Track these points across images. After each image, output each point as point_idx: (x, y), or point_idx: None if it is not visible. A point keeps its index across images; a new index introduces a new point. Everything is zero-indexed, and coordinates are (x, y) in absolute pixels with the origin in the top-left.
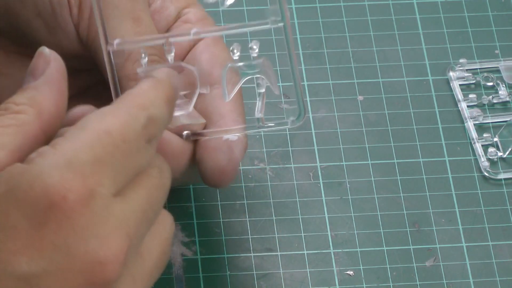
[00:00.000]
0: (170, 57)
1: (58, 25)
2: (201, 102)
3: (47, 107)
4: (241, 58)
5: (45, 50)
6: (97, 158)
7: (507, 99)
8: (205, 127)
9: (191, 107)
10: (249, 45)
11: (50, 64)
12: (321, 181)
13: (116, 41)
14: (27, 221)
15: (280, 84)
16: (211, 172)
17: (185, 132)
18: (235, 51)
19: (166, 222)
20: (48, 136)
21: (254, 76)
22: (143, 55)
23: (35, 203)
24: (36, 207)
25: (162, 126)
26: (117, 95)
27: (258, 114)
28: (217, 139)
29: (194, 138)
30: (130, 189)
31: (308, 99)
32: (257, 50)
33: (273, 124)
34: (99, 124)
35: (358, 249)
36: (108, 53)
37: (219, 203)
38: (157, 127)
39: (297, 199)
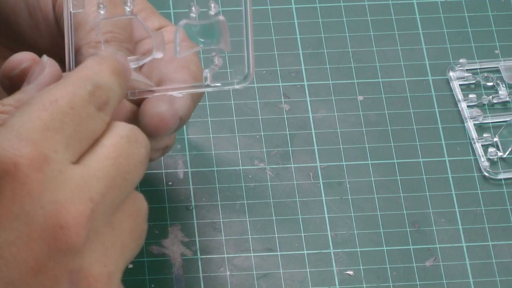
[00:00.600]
0: (128, 8)
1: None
2: (153, 64)
3: None
4: (198, 16)
5: (43, 58)
6: (46, 125)
7: (507, 99)
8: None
9: (134, 65)
10: (209, 3)
11: (45, 70)
12: (321, 181)
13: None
14: None
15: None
16: (149, 117)
17: (128, 91)
18: (192, 9)
19: (136, 197)
20: None
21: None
22: (101, 6)
23: None
24: None
25: (112, 94)
26: (69, 62)
27: (205, 73)
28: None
29: (138, 97)
30: (91, 157)
31: (308, 99)
32: (214, 10)
33: (219, 84)
34: (45, 96)
35: (358, 249)
36: (69, 14)
37: (219, 203)
38: (105, 94)
39: (297, 199)
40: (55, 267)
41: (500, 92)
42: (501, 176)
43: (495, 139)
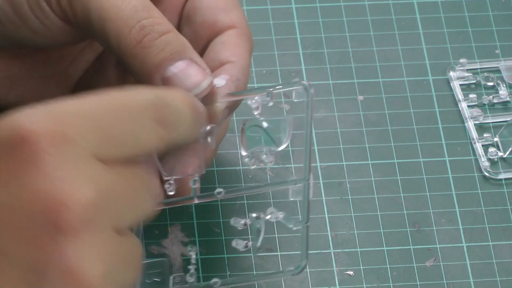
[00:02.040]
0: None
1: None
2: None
3: None
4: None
5: None
6: (80, 111)
7: (508, 99)
8: None
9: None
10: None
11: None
12: (321, 181)
13: None
14: None
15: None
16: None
17: None
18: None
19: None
20: None
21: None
22: None
23: (7, 135)
24: (4, 137)
25: (182, 120)
26: None
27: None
28: None
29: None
30: (122, 166)
31: None
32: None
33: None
34: (98, 94)
35: (358, 249)
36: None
37: (219, 203)
38: (172, 114)
39: (297, 199)
40: (48, 243)
41: (500, 92)
42: (502, 176)
43: (496, 139)
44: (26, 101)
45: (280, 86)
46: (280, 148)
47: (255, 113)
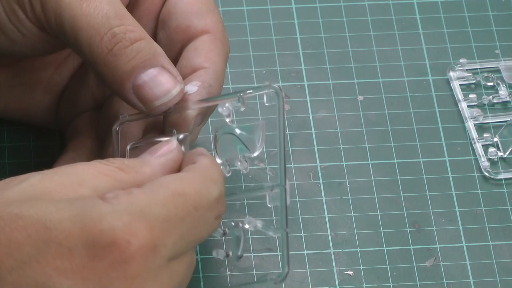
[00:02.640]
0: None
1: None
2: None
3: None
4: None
5: (174, 141)
6: (167, 217)
7: (507, 99)
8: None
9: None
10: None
11: (173, 152)
12: (321, 181)
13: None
14: (85, 250)
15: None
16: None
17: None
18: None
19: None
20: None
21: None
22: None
23: (99, 237)
24: (98, 241)
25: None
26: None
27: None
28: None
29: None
30: (178, 261)
31: (308, 99)
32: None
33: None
34: (176, 185)
35: (358, 249)
36: (117, 132)
37: None
38: (224, 205)
39: (297, 199)
40: None
41: (500, 92)
42: (501, 176)
43: (495, 139)
44: (12, 111)
45: (251, 91)
46: (255, 154)
47: (227, 120)
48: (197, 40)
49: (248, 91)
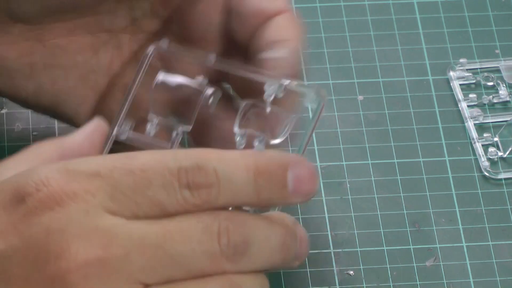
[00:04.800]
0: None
1: None
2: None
3: (69, 145)
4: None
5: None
6: (97, 171)
7: (508, 98)
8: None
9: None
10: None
11: (90, 123)
12: (321, 181)
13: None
14: (7, 205)
15: None
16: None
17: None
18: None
19: None
20: None
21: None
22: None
23: (13, 192)
24: (15, 194)
25: (228, 186)
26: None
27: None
28: None
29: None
30: (142, 223)
31: None
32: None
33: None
34: (125, 157)
35: (358, 249)
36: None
37: None
38: (209, 178)
39: None
40: None
41: (500, 92)
42: (502, 176)
43: (496, 139)
44: (43, 94)
45: (296, 83)
46: (273, 142)
47: (267, 100)
48: (274, 20)
49: (295, 83)
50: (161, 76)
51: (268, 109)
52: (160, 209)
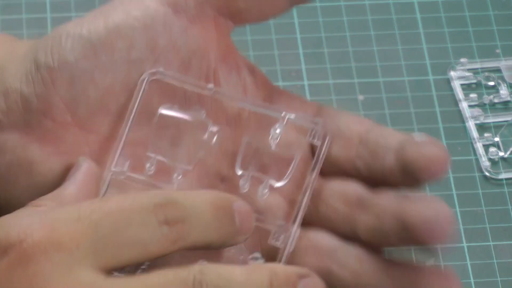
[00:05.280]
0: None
1: None
2: None
3: (68, 200)
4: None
5: (79, 159)
6: (78, 217)
7: (508, 98)
8: None
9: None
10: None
11: (80, 169)
12: None
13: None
14: None
15: None
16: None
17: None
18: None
19: None
20: None
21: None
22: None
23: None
24: None
25: (196, 222)
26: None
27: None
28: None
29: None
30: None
31: (308, 99)
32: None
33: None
34: (97, 201)
35: None
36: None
37: None
38: (181, 212)
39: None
40: None
41: (501, 92)
42: (502, 176)
43: (496, 139)
44: (108, 95)
45: (294, 117)
46: (278, 185)
47: (272, 144)
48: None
49: (292, 117)
50: (162, 111)
51: (273, 149)
52: (142, 249)
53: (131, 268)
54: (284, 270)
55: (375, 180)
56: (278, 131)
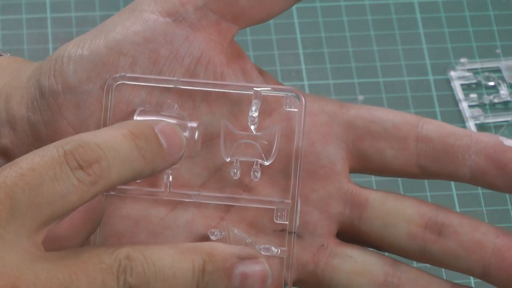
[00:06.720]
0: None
1: None
2: None
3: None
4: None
5: None
6: None
7: (508, 98)
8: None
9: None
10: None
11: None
12: None
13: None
14: None
15: None
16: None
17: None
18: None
19: None
20: None
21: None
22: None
23: None
24: None
25: (112, 154)
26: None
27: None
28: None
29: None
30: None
31: None
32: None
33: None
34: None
35: None
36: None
37: None
38: (93, 153)
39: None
40: None
41: (501, 92)
42: None
43: None
44: (115, 114)
45: (269, 88)
46: (267, 163)
47: (252, 127)
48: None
49: (266, 88)
50: (137, 117)
51: (254, 129)
52: (62, 201)
53: None
54: (223, 251)
55: (445, 178)
56: (255, 114)
